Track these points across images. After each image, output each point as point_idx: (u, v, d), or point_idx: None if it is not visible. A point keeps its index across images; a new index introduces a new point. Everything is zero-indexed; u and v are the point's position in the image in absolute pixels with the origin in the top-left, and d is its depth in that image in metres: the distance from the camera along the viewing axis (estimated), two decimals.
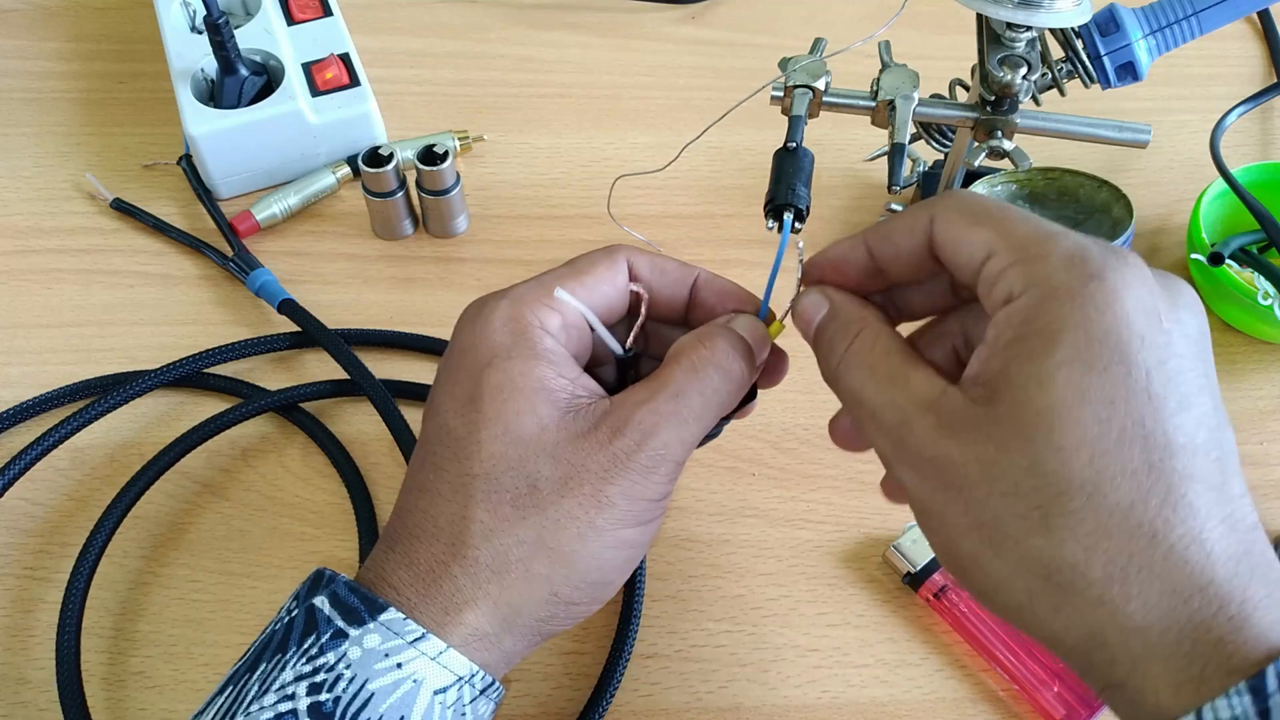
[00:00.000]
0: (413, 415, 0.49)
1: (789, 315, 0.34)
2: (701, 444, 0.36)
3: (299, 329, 0.52)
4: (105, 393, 0.48)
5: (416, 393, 0.51)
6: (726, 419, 0.35)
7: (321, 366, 0.52)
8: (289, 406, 0.50)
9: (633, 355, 0.35)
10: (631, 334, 0.35)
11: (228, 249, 0.55)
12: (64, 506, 0.47)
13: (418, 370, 0.52)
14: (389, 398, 0.48)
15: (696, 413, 0.32)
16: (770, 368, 0.35)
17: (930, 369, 0.29)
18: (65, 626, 0.41)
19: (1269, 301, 0.50)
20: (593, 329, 0.34)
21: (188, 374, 0.50)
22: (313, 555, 0.46)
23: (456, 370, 0.33)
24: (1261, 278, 0.52)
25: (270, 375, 0.51)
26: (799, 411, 0.50)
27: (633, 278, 0.35)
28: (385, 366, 0.52)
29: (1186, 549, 0.25)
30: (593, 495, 0.31)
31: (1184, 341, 0.27)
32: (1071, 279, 0.26)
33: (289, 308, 0.52)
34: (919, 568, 0.44)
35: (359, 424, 0.50)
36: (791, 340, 0.34)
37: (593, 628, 0.44)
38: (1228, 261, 0.53)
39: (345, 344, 0.50)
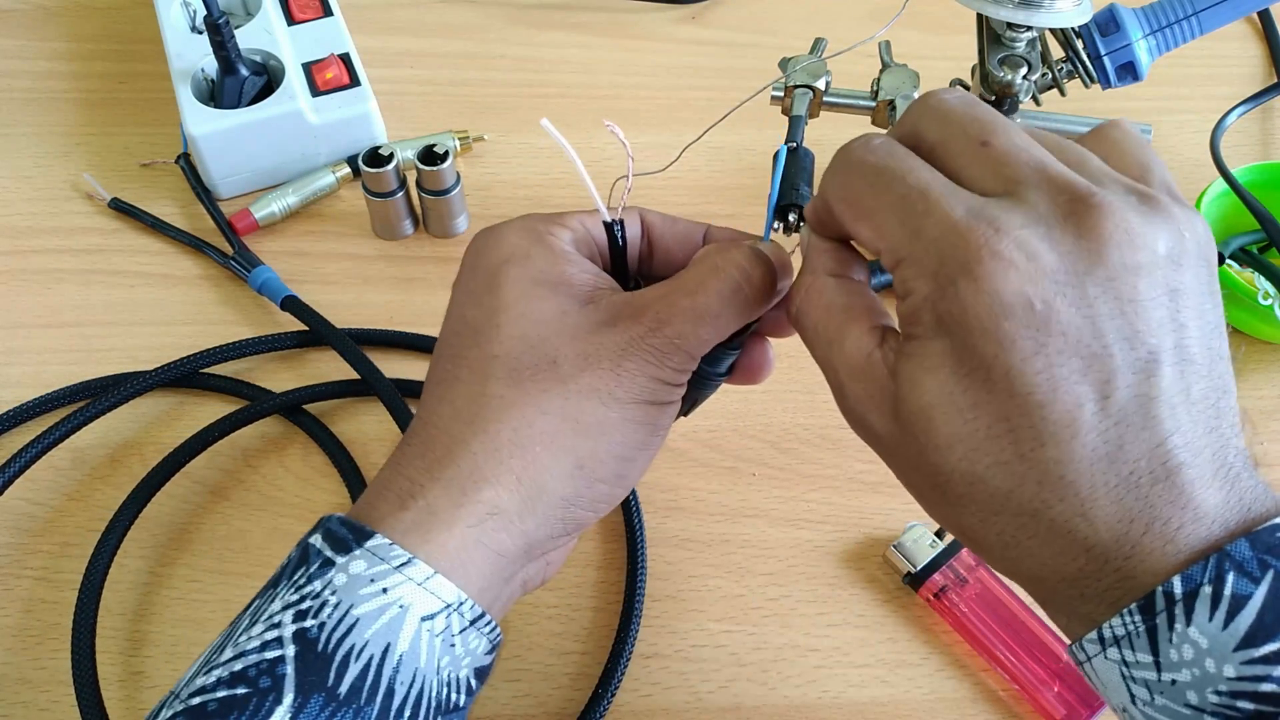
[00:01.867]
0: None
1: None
2: (688, 410, 0.37)
3: (301, 327, 0.52)
4: (105, 393, 0.48)
5: (419, 391, 0.51)
6: (722, 375, 0.36)
7: (323, 365, 0.52)
8: (291, 407, 0.49)
9: (619, 224, 0.35)
10: (624, 193, 0.35)
11: (227, 248, 0.55)
12: (64, 506, 0.47)
13: (419, 370, 0.52)
14: (396, 392, 0.48)
15: (714, 310, 0.32)
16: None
17: (866, 323, 0.30)
18: (80, 631, 0.41)
19: (1269, 301, 0.50)
20: (586, 195, 0.34)
21: (189, 373, 0.50)
22: None
23: (472, 271, 0.34)
24: (1261, 278, 0.52)
25: (272, 374, 0.51)
26: (799, 411, 0.50)
27: (644, 229, 0.36)
28: (387, 366, 0.51)
29: (1068, 522, 0.26)
30: (612, 370, 0.32)
31: (1077, 327, 0.25)
32: (938, 283, 0.26)
33: (292, 304, 0.52)
34: (919, 568, 0.44)
35: (360, 424, 0.50)
36: (795, 343, 0.34)
37: (593, 628, 0.44)
38: (1228, 261, 0.53)
39: (350, 339, 0.50)
